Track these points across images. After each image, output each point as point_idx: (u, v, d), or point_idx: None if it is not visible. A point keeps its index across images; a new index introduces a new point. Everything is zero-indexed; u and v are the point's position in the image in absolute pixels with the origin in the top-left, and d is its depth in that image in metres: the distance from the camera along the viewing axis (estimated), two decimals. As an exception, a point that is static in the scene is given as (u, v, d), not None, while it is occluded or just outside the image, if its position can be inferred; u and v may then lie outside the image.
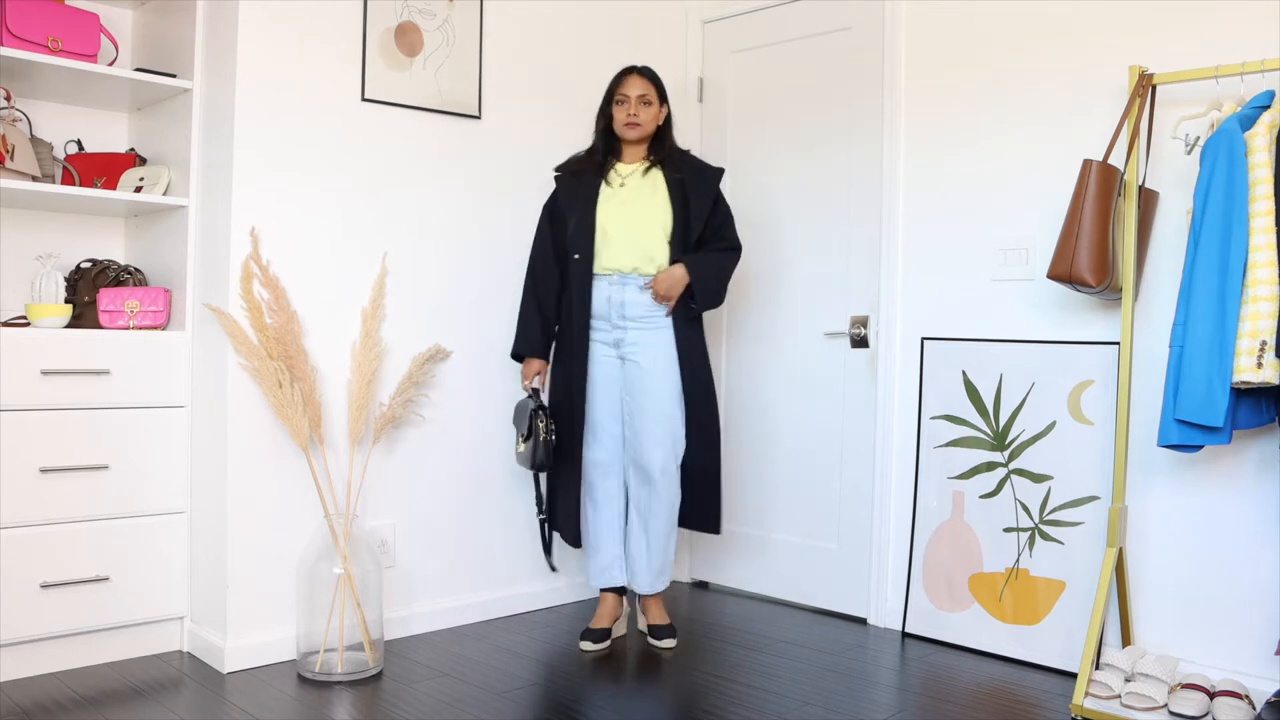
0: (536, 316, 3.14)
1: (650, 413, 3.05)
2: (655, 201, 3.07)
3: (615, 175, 3.13)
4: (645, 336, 3.07)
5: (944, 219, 3.29)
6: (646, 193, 3.08)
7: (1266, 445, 2.65)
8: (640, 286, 3.06)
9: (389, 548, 3.18)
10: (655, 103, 3.10)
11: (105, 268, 3.02)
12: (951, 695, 2.75)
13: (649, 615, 3.21)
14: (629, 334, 3.07)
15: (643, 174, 3.11)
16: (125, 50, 3.23)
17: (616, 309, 3.06)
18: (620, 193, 3.09)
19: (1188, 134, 2.65)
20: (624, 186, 3.10)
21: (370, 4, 3.08)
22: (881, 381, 3.41)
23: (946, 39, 3.29)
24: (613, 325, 3.07)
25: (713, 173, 3.16)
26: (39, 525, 2.73)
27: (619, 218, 3.06)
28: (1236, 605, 2.71)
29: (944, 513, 3.24)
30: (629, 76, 3.10)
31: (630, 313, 3.06)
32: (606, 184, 3.10)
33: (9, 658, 2.73)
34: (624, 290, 3.05)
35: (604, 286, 3.07)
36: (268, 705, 2.59)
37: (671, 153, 3.15)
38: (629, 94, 3.07)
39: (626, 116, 3.07)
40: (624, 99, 3.08)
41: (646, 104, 3.08)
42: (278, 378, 2.80)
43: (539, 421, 3.06)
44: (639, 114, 3.06)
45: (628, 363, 3.09)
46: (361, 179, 3.10)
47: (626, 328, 3.07)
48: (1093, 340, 2.97)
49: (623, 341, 3.08)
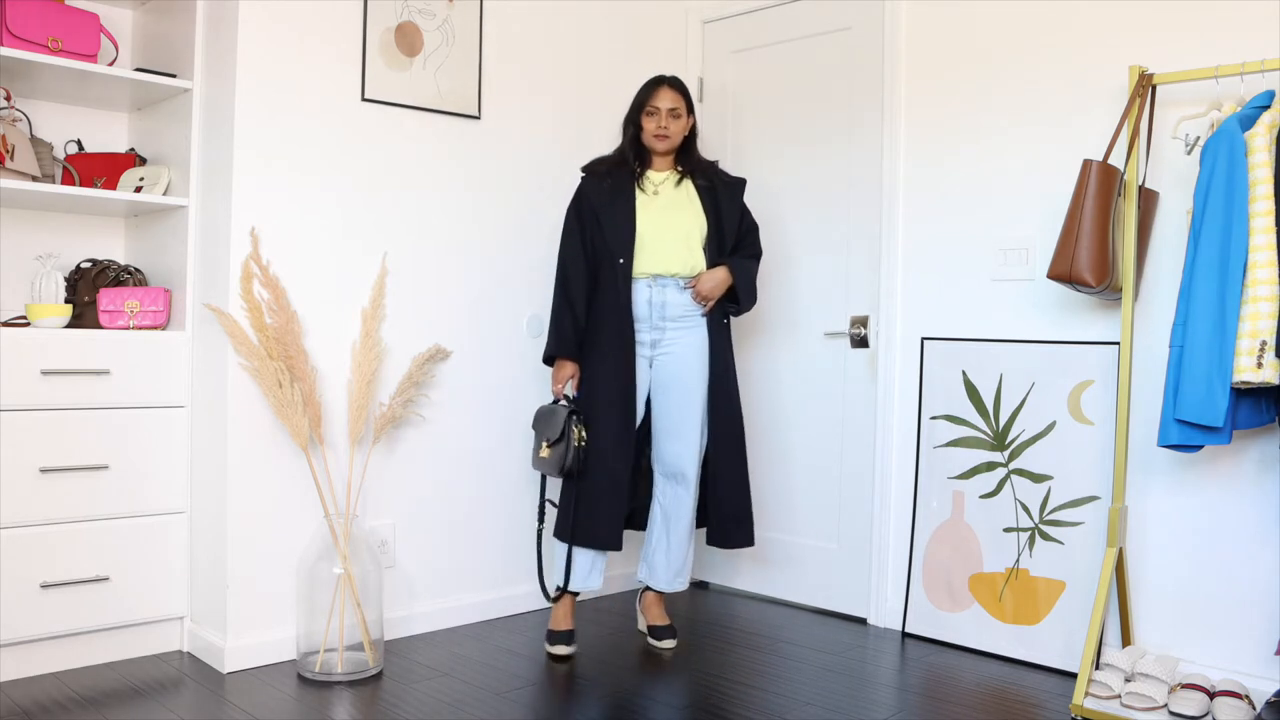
0: (569, 316, 3.08)
1: (684, 411, 3.08)
2: (691, 209, 3.11)
3: (649, 183, 3.14)
4: (683, 336, 3.10)
5: (944, 219, 3.29)
6: (683, 200, 3.12)
7: (1266, 445, 2.65)
8: (680, 287, 3.08)
9: (389, 548, 3.18)
10: (684, 115, 3.12)
11: (105, 268, 3.02)
12: (951, 695, 2.75)
13: (650, 615, 3.21)
14: (667, 334, 3.10)
15: (675, 184, 3.14)
16: (125, 50, 3.23)
17: (658, 310, 3.08)
18: (656, 200, 3.11)
19: (1188, 134, 2.65)
20: (658, 194, 3.12)
21: (370, 4, 3.08)
22: (881, 381, 3.41)
23: (946, 39, 3.29)
24: (651, 326, 3.09)
25: (739, 184, 3.22)
26: (39, 525, 2.73)
27: (658, 223, 3.08)
28: (1236, 605, 2.71)
29: (944, 513, 3.24)
30: (660, 88, 3.10)
31: (670, 313, 3.09)
32: (641, 190, 3.12)
33: (9, 658, 2.73)
34: (664, 292, 3.08)
35: (642, 289, 3.08)
36: (268, 705, 2.59)
37: (699, 164, 3.19)
38: (660, 106, 3.08)
39: (657, 128, 3.08)
40: (655, 111, 3.09)
41: (676, 117, 3.10)
42: (278, 378, 2.80)
43: (574, 426, 2.99)
44: (669, 126, 3.08)
45: (660, 362, 3.11)
46: (361, 179, 3.10)
47: (665, 328, 3.10)
48: (1093, 340, 2.97)
49: (659, 342, 3.10)
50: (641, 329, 3.09)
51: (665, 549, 3.15)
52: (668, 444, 3.11)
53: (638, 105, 3.13)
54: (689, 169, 3.16)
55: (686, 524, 3.14)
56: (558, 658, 3.02)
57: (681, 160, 3.17)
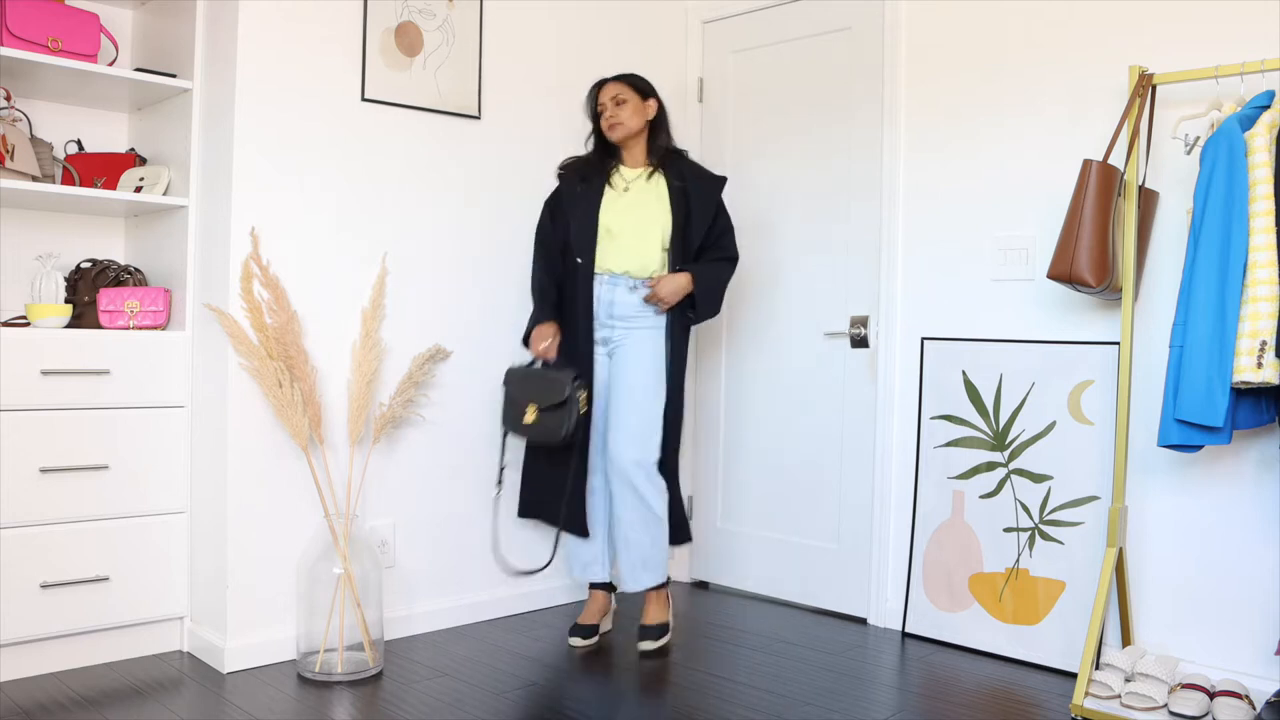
0: (551, 287, 3.15)
1: (629, 408, 3.07)
2: (657, 207, 3.11)
3: (620, 179, 3.16)
4: (633, 335, 3.11)
5: (944, 219, 3.29)
6: (651, 198, 3.13)
7: (1266, 445, 2.65)
8: (630, 287, 3.09)
9: (389, 548, 3.18)
10: (632, 98, 3.14)
11: (105, 268, 3.02)
12: (951, 695, 2.75)
13: (643, 614, 3.22)
14: (616, 332, 3.12)
15: (646, 179, 3.15)
16: (125, 50, 3.23)
17: (605, 308, 3.11)
18: (624, 196, 3.13)
19: (1188, 134, 2.65)
20: (628, 191, 3.14)
21: (370, 4, 3.08)
22: (881, 381, 3.41)
23: (946, 39, 3.29)
24: (601, 324, 3.12)
25: (715, 182, 3.21)
26: (39, 525, 2.73)
27: (620, 220, 3.10)
28: (1237, 605, 2.71)
29: (944, 513, 3.24)
30: (602, 86, 3.19)
31: (618, 312, 3.11)
32: (610, 187, 3.15)
33: (9, 658, 2.73)
34: (614, 290, 3.10)
35: (596, 286, 3.11)
36: (268, 705, 2.59)
37: (670, 154, 3.19)
38: (603, 100, 3.15)
39: (606, 121, 3.14)
40: (601, 106, 3.16)
41: (620, 103, 3.13)
42: (278, 378, 2.80)
43: (579, 391, 2.99)
44: (616, 114, 3.12)
45: (614, 360, 3.14)
46: (362, 179, 3.10)
47: (614, 326, 3.12)
48: (1093, 340, 2.97)
49: (610, 339, 3.13)
50: (598, 327, 3.13)
51: (623, 546, 3.14)
52: (611, 444, 3.09)
53: (592, 113, 3.20)
54: (661, 162, 3.17)
55: (636, 519, 3.09)
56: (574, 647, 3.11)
57: (652, 149, 3.19)
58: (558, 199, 3.20)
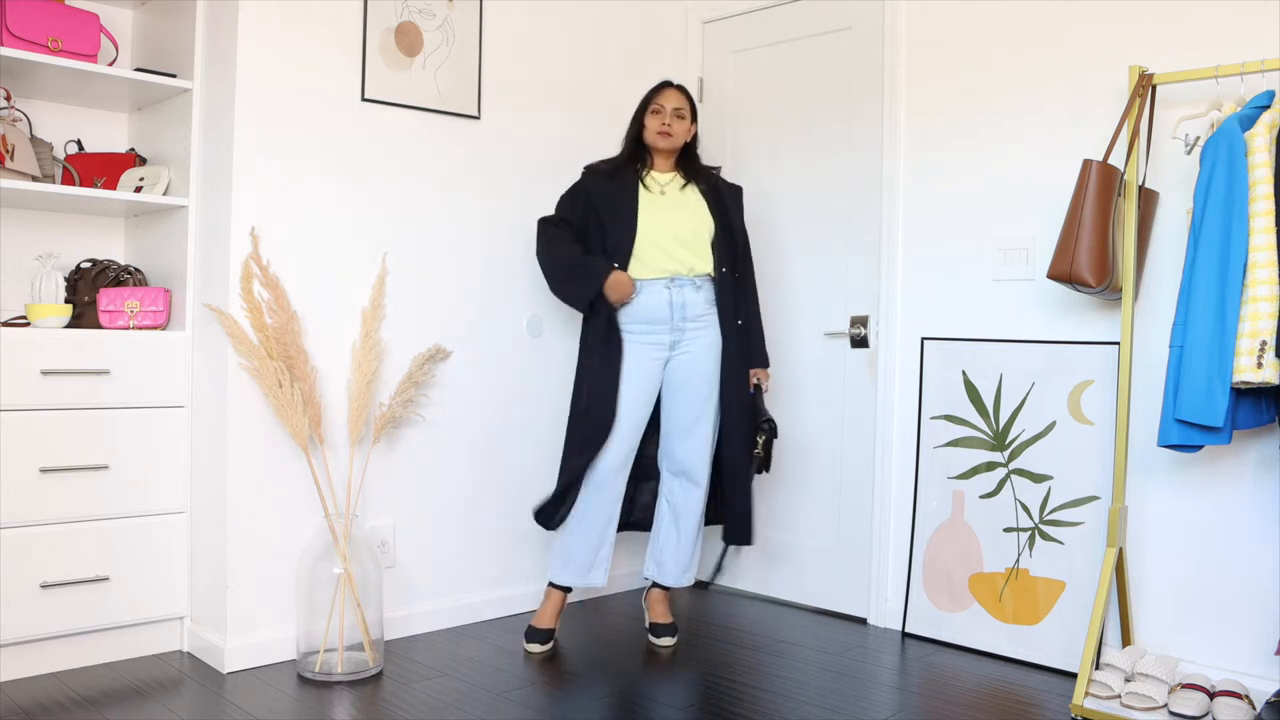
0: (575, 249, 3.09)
1: (698, 411, 3.12)
2: (700, 210, 3.14)
3: (653, 182, 3.16)
4: (701, 335, 3.13)
5: (944, 219, 3.29)
6: (691, 200, 3.15)
7: (1266, 445, 2.65)
8: (695, 286, 3.10)
9: (389, 548, 3.18)
10: (688, 118, 3.16)
11: (105, 268, 3.02)
12: (951, 695, 2.75)
13: (653, 613, 3.23)
14: (687, 334, 3.12)
15: (680, 188, 3.17)
16: (125, 50, 3.23)
17: (678, 310, 3.09)
18: (662, 199, 3.13)
19: (1188, 134, 2.65)
20: (664, 194, 3.14)
21: (370, 4, 3.08)
22: (881, 381, 3.41)
23: (946, 39, 3.28)
24: (672, 327, 3.10)
25: (738, 191, 3.28)
26: (39, 525, 2.73)
27: (670, 222, 3.09)
28: (1236, 605, 2.71)
29: (944, 513, 3.24)
30: (666, 89, 3.16)
31: (690, 313, 3.11)
32: (645, 189, 3.14)
33: (9, 658, 2.73)
34: (683, 292, 3.10)
35: (659, 290, 3.08)
36: (268, 705, 2.59)
37: (701, 170, 3.23)
38: (665, 105, 3.13)
39: (660, 125, 3.11)
40: (660, 109, 3.14)
41: (680, 118, 3.14)
42: (278, 378, 2.80)
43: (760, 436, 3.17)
44: (672, 125, 3.12)
45: (676, 361, 3.13)
46: (361, 179, 3.10)
47: (685, 328, 3.12)
48: (1093, 340, 2.97)
49: (679, 343, 3.12)
50: (655, 330, 3.10)
51: (675, 544, 3.19)
52: (679, 443, 3.13)
53: (644, 104, 3.17)
54: (691, 175, 3.19)
55: (696, 520, 3.18)
56: (530, 654, 3.04)
57: (683, 166, 3.20)
58: (580, 194, 3.15)
